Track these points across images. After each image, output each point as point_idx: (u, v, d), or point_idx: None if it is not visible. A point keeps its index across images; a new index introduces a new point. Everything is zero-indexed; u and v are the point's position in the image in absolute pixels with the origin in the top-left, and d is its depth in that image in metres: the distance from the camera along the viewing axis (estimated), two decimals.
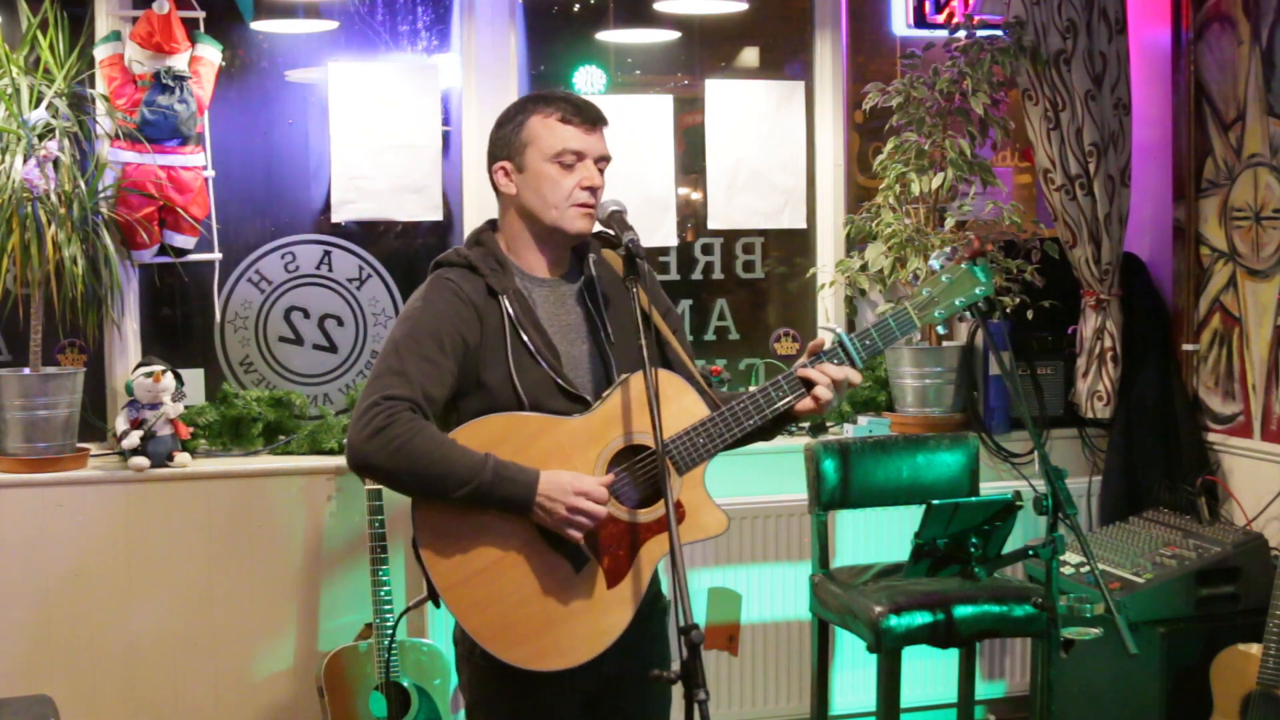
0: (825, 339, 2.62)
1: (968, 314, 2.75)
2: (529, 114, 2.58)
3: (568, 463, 2.48)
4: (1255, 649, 3.70)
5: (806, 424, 4.39)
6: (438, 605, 2.48)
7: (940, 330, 4.05)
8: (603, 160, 2.59)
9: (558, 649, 2.48)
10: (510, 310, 2.52)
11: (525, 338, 2.52)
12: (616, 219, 2.53)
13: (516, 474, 2.42)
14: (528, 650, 2.47)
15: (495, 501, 2.42)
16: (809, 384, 2.55)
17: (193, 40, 4.09)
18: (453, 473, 2.40)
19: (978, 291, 2.69)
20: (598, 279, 2.64)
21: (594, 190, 2.55)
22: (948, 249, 2.84)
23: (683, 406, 2.53)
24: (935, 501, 3.15)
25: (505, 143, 2.60)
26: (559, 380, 2.52)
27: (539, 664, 2.48)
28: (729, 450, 2.62)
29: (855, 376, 2.57)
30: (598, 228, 2.62)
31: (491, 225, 2.66)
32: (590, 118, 2.57)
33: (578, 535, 2.45)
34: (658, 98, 4.67)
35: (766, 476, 4.36)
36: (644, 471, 2.52)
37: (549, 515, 2.43)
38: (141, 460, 4.00)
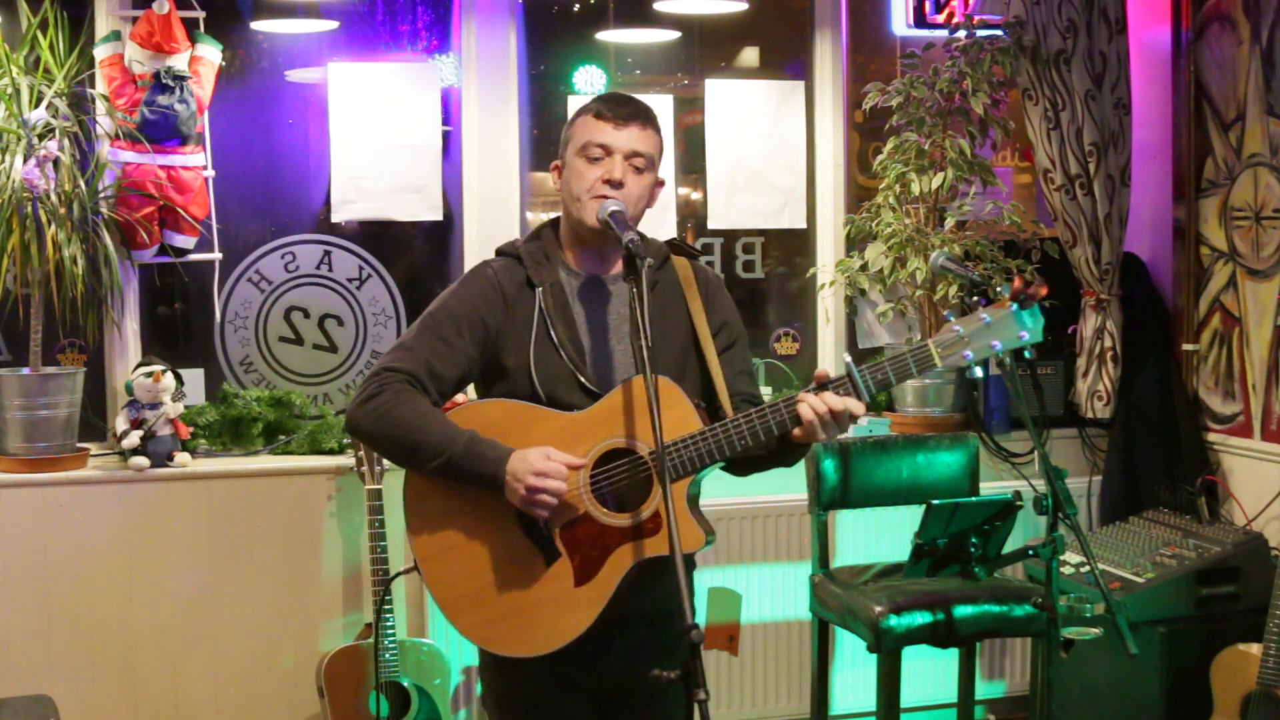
0: (833, 369, 2.55)
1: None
2: (578, 114, 2.63)
3: None
4: (1255, 649, 3.70)
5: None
6: (420, 575, 2.55)
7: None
8: (635, 157, 2.57)
9: (515, 636, 2.50)
10: (542, 303, 2.56)
11: (551, 330, 2.55)
12: (616, 218, 2.53)
13: (489, 451, 2.45)
14: (488, 633, 2.52)
15: (468, 476, 2.46)
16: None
17: (193, 40, 4.09)
18: (428, 443, 2.46)
19: (1022, 338, 2.47)
20: (651, 283, 2.61)
21: (614, 184, 2.55)
22: (949, 249, 2.82)
23: (676, 416, 2.48)
24: (935, 501, 3.15)
25: (561, 142, 2.67)
26: (578, 375, 2.54)
27: (497, 647, 2.52)
28: (747, 472, 2.64)
29: (858, 409, 2.46)
30: (663, 235, 2.63)
31: (558, 221, 2.71)
32: (622, 115, 2.58)
33: (542, 513, 2.45)
34: (658, 98, 4.67)
35: (767, 476, 4.33)
36: (627, 475, 2.51)
37: (513, 495, 2.45)
38: (141, 460, 4.00)
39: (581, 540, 2.49)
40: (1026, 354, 2.53)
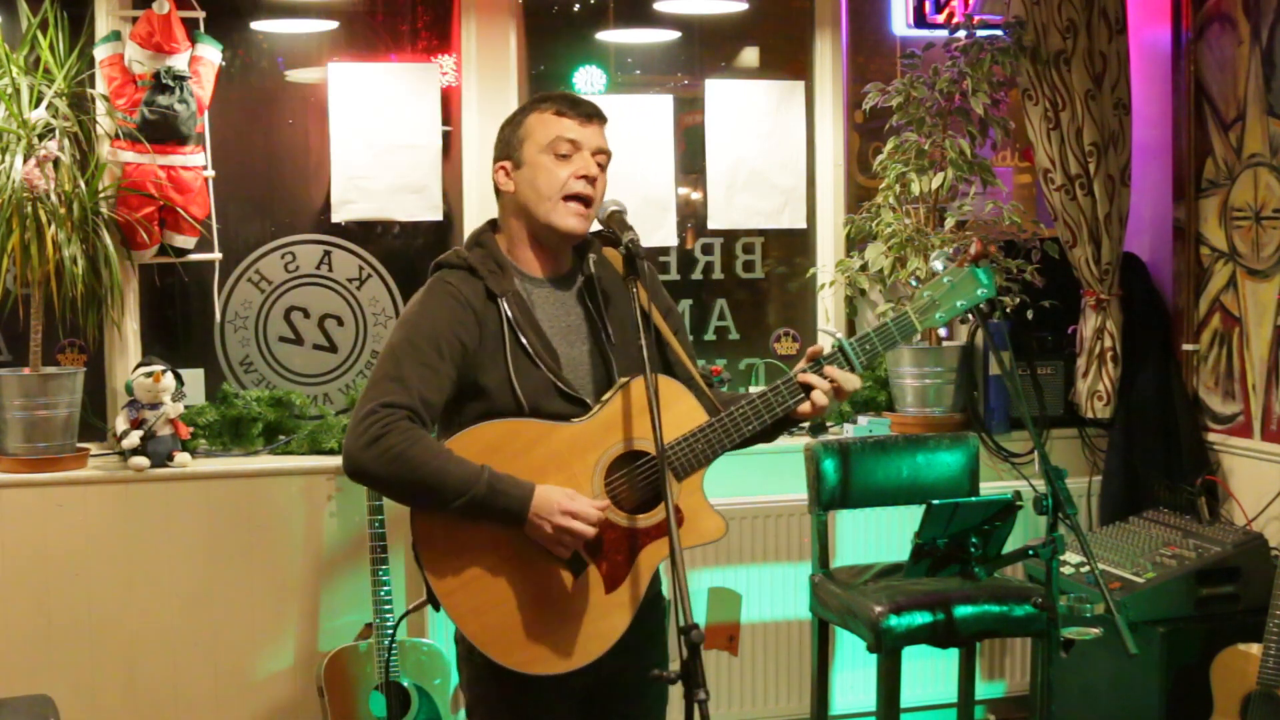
0: (825, 343, 2.61)
1: (968, 314, 2.73)
2: (527, 113, 2.59)
3: (565, 469, 2.48)
4: (1255, 649, 3.70)
5: (806, 424, 4.39)
6: (437, 609, 2.48)
7: (942, 330, 4.02)
8: (601, 154, 2.57)
9: (556, 653, 2.48)
10: (509, 313, 2.51)
11: (524, 340, 2.51)
12: (616, 219, 2.53)
13: (511, 488, 2.42)
14: (526, 654, 2.47)
15: (490, 514, 2.42)
16: (808, 388, 2.55)
17: (193, 40, 4.09)
18: (447, 484, 2.39)
19: (980, 294, 2.69)
20: (598, 279, 2.62)
21: (589, 180, 2.53)
22: (949, 249, 2.85)
23: (681, 411, 2.52)
24: (935, 501, 3.15)
25: (505, 142, 2.61)
26: (558, 383, 2.51)
27: (537, 668, 2.48)
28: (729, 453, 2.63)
29: (855, 381, 2.57)
30: (597, 226, 2.62)
31: (493, 225, 2.65)
32: (585, 112, 2.57)
33: (565, 553, 2.45)
34: (658, 98, 4.67)
35: (766, 476, 4.36)
36: (643, 477, 2.51)
37: (539, 534, 2.43)
38: (141, 460, 4.00)
39: (606, 547, 2.49)
40: (981, 307, 2.75)
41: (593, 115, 2.58)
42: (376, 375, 2.46)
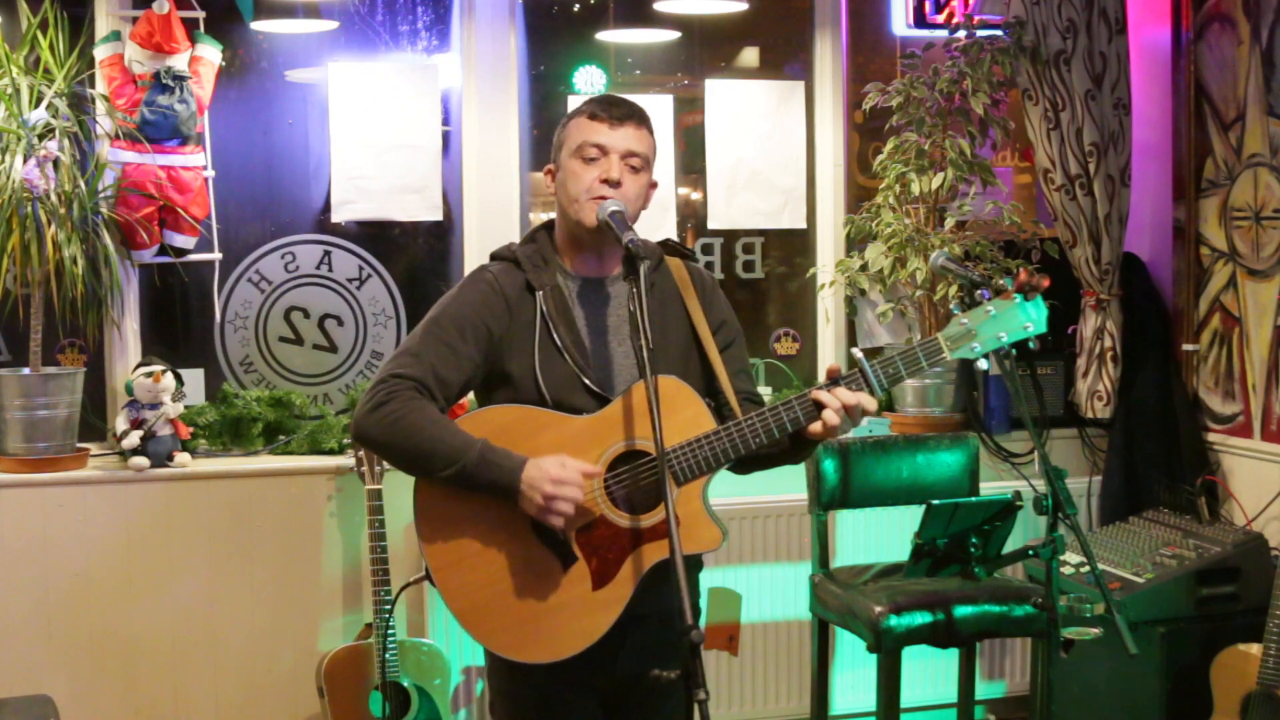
0: (845, 364, 2.58)
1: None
2: (570, 117, 2.64)
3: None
4: (1255, 649, 3.70)
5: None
6: (435, 585, 2.51)
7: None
8: (632, 156, 2.58)
9: (536, 643, 2.48)
10: (544, 307, 2.56)
11: (554, 334, 2.55)
12: (617, 219, 2.53)
13: (503, 460, 2.44)
14: (506, 639, 2.49)
15: (481, 485, 2.44)
16: (821, 407, 2.51)
17: (193, 40, 4.09)
18: (440, 451, 2.43)
19: (1026, 330, 2.51)
20: (649, 284, 2.61)
21: (612, 183, 2.55)
22: (947, 248, 2.82)
23: (688, 417, 2.51)
24: (935, 501, 3.15)
25: (552, 147, 2.67)
26: (584, 378, 2.53)
27: (515, 654, 2.49)
28: (750, 470, 2.64)
29: (870, 404, 2.50)
30: (664, 235, 2.62)
31: (552, 224, 2.71)
32: (617, 115, 2.58)
33: (558, 522, 2.44)
34: (658, 98, 4.67)
35: (766, 476, 4.33)
36: (643, 477, 2.51)
37: (530, 504, 2.43)
38: (141, 460, 4.00)
39: (598, 543, 2.49)
40: (1030, 345, 2.56)
41: (625, 118, 2.59)
42: (396, 351, 2.56)
